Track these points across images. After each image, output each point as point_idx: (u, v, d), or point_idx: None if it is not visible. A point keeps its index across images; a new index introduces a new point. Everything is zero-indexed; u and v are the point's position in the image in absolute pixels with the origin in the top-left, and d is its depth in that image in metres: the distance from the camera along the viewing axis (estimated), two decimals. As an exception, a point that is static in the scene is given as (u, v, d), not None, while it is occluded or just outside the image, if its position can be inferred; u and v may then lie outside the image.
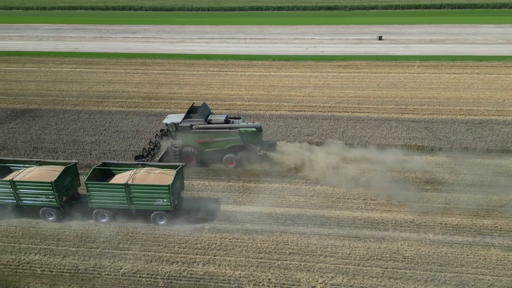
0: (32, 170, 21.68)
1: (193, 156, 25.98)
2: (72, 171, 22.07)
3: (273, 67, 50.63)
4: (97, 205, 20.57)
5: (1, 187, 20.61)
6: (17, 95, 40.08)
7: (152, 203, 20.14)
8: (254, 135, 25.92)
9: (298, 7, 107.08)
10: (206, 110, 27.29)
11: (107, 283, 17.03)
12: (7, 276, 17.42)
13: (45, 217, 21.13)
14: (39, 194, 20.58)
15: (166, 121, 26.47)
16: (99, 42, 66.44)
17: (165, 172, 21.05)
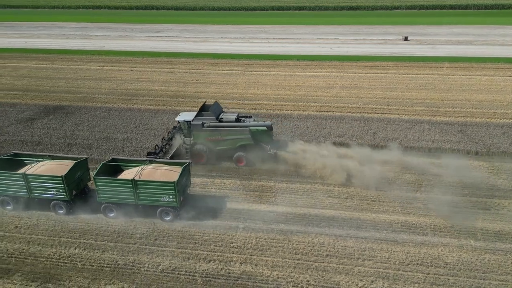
0: (44, 164, 22.15)
1: (204, 154, 26.24)
2: (82, 166, 22.49)
3: (297, 67, 50.36)
4: (105, 200, 20.96)
5: (14, 180, 21.21)
6: (49, 92, 41.06)
7: (158, 199, 20.41)
8: (264, 134, 25.99)
9: (320, 7, 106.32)
10: (218, 108, 27.62)
11: (146, 279, 17.20)
12: (49, 269, 17.80)
13: (56, 210, 21.67)
14: (50, 188, 21.10)
15: (178, 118, 26.84)
16: (124, 41, 67.47)
17: (172, 169, 21.35)
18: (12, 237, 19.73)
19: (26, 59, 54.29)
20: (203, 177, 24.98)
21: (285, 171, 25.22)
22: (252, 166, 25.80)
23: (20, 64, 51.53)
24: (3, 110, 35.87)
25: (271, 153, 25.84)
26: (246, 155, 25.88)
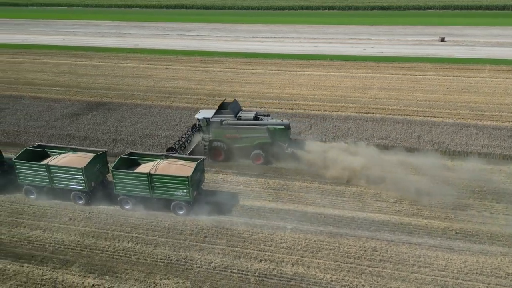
0: (66, 156, 22.83)
1: (222, 151, 26.42)
2: (101, 158, 23.05)
3: (332, 67, 49.80)
4: (122, 192, 21.44)
5: (38, 170, 21.97)
6: (89, 88, 42.18)
7: (172, 193, 20.78)
8: (282, 133, 25.93)
9: (349, 7, 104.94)
10: (237, 106, 27.82)
11: (199, 275, 17.33)
12: (105, 261, 18.21)
13: (75, 200, 22.31)
14: (70, 179, 21.80)
15: (198, 116, 27.13)
16: (157, 39, 68.62)
17: (186, 164, 21.68)
18: (67, 229, 20.32)
19: (65, 56, 56.07)
20: (239, 175, 25.02)
21: (320, 173, 24.86)
22: (283, 166, 25.58)
23: (60, 61, 53.25)
24: (49, 105, 37.13)
25: (288, 151, 25.79)
26: (264, 154, 25.96)
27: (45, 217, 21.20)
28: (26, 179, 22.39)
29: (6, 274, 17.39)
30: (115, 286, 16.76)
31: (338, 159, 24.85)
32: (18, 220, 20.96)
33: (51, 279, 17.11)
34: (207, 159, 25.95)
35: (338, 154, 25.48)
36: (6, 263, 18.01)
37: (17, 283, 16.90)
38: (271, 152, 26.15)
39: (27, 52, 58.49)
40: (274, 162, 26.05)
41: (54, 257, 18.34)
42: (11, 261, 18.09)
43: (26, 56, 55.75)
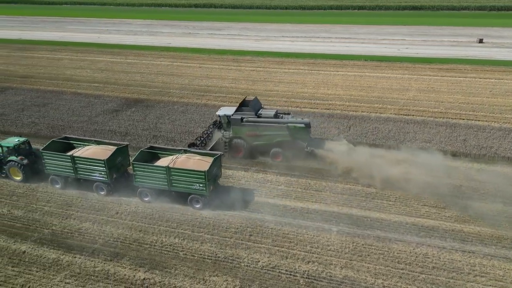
0: (90, 148, 23.56)
1: (242, 148, 26.59)
2: (123, 151, 23.66)
3: (366, 67, 48.88)
4: (141, 184, 22.00)
5: (63, 161, 22.85)
6: (126, 85, 43.02)
7: (189, 186, 21.18)
8: (302, 131, 25.86)
9: (380, 7, 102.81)
10: (257, 104, 27.94)
11: (247, 274, 17.30)
12: (154, 255, 18.46)
13: (98, 191, 23.04)
14: (93, 170, 22.49)
15: (219, 113, 27.34)
16: (188, 38, 69.30)
17: (204, 159, 22.08)
18: (114, 222, 20.75)
19: (101, 53, 57.44)
20: (280, 175, 24.85)
21: (372, 176, 24.31)
22: (326, 167, 25.18)
23: (96, 58, 54.61)
24: (89, 101, 38.12)
25: (308, 150, 25.76)
26: (283, 151, 25.96)
27: (93, 210, 21.73)
28: (52, 169, 23.34)
29: (59, 264, 17.91)
30: (165, 280, 16.98)
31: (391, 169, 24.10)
32: (68, 212, 21.58)
33: (103, 271, 17.49)
34: (227, 156, 26.57)
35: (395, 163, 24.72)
36: (59, 253, 18.56)
37: (71, 273, 17.36)
38: (290, 150, 26.17)
39: (64, 49, 60.30)
40: (311, 163, 25.66)
41: (105, 250, 18.76)
42: (63, 252, 18.64)
43: (64, 53, 57.48)
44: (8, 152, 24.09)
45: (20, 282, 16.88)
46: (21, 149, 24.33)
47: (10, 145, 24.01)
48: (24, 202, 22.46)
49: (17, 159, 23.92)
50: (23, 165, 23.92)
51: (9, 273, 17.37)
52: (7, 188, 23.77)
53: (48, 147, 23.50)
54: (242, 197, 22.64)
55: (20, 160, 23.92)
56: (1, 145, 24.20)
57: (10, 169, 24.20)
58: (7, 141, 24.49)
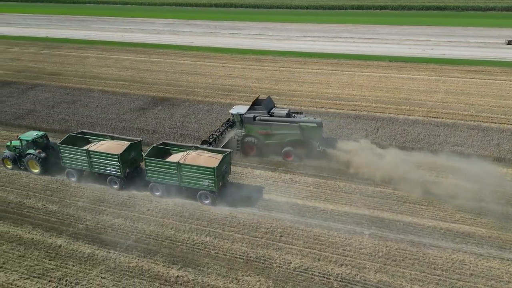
0: (105, 143, 24.13)
1: (254, 146, 26.79)
2: (136, 147, 24.12)
3: (391, 68, 48.11)
4: (153, 179, 22.47)
5: (79, 155, 23.50)
6: (151, 84, 43.54)
7: (199, 182, 21.55)
8: (314, 131, 25.88)
9: (403, 7, 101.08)
10: (270, 103, 28.09)
11: (280, 275, 17.22)
12: (186, 253, 18.60)
13: (111, 185, 23.62)
14: (107, 164, 23.03)
15: (232, 111, 27.65)
16: (210, 37, 69.67)
17: (214, 156, 22.39)
18: (146, 219, 20.99)
19: (126, 52, 58.32)
20: (308, 176, 24.66)
21: (405, 179, 23.85)
22: (356, 170, 24.80)
23: (121, 56, 55.45)
24: (116, 98, 38.74)
25: (319, 150, 25.74)
26: (295, 151, 26.02)
27: (124, 206, 22.05)
28: (69, 163, 24.05)
29: (95, 259, 18.23)
30: (199, 278, 17.07)
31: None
32: (101, 207, 21.97)
33: (138, 267, 17.71)
34: (239, 154, 26.91)
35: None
36: (94, 248, 18.91)
37: (106, 268, 17.66)
38: (302, 149, 26.23)
39: (90, 47, 61.47)
40: (341, 165, 25.40)
41: (138, 246, 19.01)
42: (98, 247, 18.97)
43: (90, 51, 58.62)
44: (27, 146, 25.01)
45: (57, 275, 17.27)
46: (39, 142, 25.23)
47: (29, 139, 24.92)
48: (58, 197, 22.99)
49: (35, 153, 24.79)
50: (41, 158, 24.78)
51: (47, 266, 17.79)
52: (41, 183, 24.38)
53: (65, 141, 24.30)
54: (270, 197, 22.63)
55: (38, 154, 24.80)
56: (21, 139, 25.18)
57: (29, 161, 25.09)
58: (26, 135, 25.46)
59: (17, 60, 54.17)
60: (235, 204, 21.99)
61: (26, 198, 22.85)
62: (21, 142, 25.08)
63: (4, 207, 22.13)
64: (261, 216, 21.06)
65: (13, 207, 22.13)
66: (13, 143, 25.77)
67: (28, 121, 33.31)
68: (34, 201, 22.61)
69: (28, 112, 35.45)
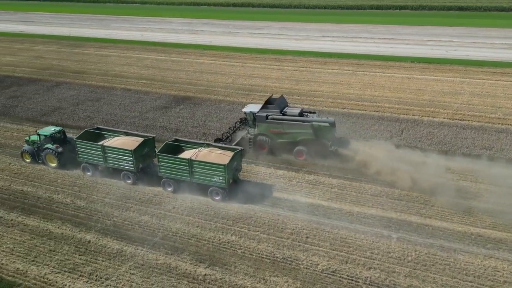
0: (120, 139, 24.70)
1: (266, 145, 27.04)
2: (149, 143, 24.62)
3: (414, 69, 47.31)
4: (165, 175, 22.93)
5: (94, 150, 24.15)
6: (172, 82, 43.91)
7: (210, 179, 21.92)
8: (326, 130, 25.92)
9: (423, 7, 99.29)
10: (283, 102, 28.31)
11: (308, 277, 17.12)
12: (213, 252, 18.67)
13: (125, 180, 24.20)
14: (121, 159, 23.65)
15: (245, 110, 27.83)
16: (229, 37, 69.84)
17: (225, 153, 22.70)
18: (172, 217, 21.16)
19: (146, 50, 58.99)
20: (332, 177, 24.42)
21: (433, 183, 23.39)
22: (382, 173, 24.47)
23: (142, 55, 56.11)
24: (139, 97, 39.22)
25: (332, 149, 25.80)
26: (307, 150, 26.09)
27: (150, 204, 22.29)
28: (84, 157, 24.74)
29: (123, 255, 18.48)
30: (226, 277, 17.11)
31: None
32: (127, 204, 22.25)
33: (165, 264, 17.87)
34: (251, 152, 27.08)
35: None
36: (122, 244, 19.17)
37: (135, 265, 17.87)
38: (314, 149, 26.22)
39: (111, 46, 62.40)
40: (368, 169, 25.05)
41: (165, 243, 19.18)
42: (126, 243, 19.21)
43: (111, 50, 59.51)
44: (45, 140, 25.77)
45: (88, 270, 17.57)
46: (57, 137, 25.98)
47: (47, 134, 25.73)
48: (86, 193, 23.40)
49: (53, 147, 25.51)
50: (58, 153, 25.47)
51: (77, 261, 18.12)
52: (68, 179, 24.86)
53: (81, 137, 24.96)
54: (295, 198, 22.54)
55: (56, 148, 25.51)
56: (39, 134, 25.98)
57: (46, 156, 25.88)
58: (44, 130, 26.27)
59: (41, 58, 55.45)
60: (259, 204, 21.98)
61: (55, 194, 23.36)
62: (39, 136, 25.93)
63: (34, 202, 22.68)
64: (286, 217, 20.99)
65: (42, 202, 22.66)
66: (31, 138, 26.68)
67: (54, 118, 34.06)
68: (63, 196, 23.09)
69: (54, 109, 36.23)
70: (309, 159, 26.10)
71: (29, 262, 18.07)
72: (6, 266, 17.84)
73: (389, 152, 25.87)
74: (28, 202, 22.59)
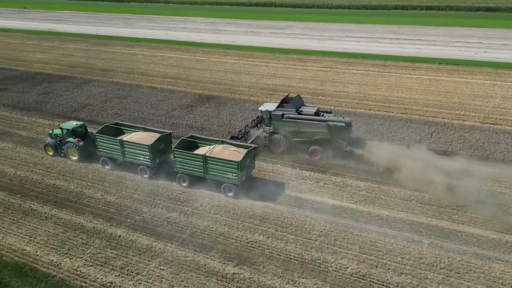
0: (138, 134, 25.25)
1: (281, 143, 27.19)
2: (166, 139, 25.05)
3: (442, 71, 46.20)
4: (180, 170, 23.42)
5: (113, 144, 24.79)
6: (197, 82, 44.29)
7: (223, 175, 22.24)
8: (342, 130, 25.91)
9: (450, 7, 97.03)
10: (299, 101, 28.38)
11: (337, 280, 16.93)
12: (241, 251, 18.69)
13: (141, 174, 24.75)
14: (138, 154, 24.15)
15: (261, 108, 27.92)
16: (252, 37, 70.01)
17: (238, 151, 22.92)
18: (199, 215, 21.32)
19: (170, 49, 59.80)
20: (359, 180, 24.03)
21: (465, 187, 22.79)
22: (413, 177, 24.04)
23: (167, 54, 56.92)
24: (165, 95, 39.77)
25: (347, 150, 25.77)
26: (322, 149, 26.16)
27: (178, 201, 22.52)
28: (103, 151, 25.42)
29: (153, 251, 18.72)
30: (255, 277, 17.10)
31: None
32: (155, 201, 22.56)
33: (194, 262, 18.01)
34: (267, 150, 27.50)
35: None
36: (151, 240, 19.43)
37: (165, 261, 18.09)
38: (329, 148, 26.16)
39: (136, 45, 63.57)
40: (397, 173, 24.57)
41: (193, 241, 19.33)
42: (155, 239, 19.46)
43: (137, 49, 60.60)
44: (67, 134, 26.65)
45: (119, 264, 17.90)
46: (78, 132, 26.76)
47: (69, 128, 26.56)
48: (115, 188, 23.86)
49: (74, 141, 26.38)
50: (79, 146, 26.24)
51: (109, 255, 18.49)
52: (98, 174, 25.41)
53: (101, 131, 25.65)
54: (322, 200, 22.34)
55: (77, 142, 26.32)
56: (62, 128, 26.85)
57: (68, 149, 26.74)
58: (66, 124, 27.14)
59: (70, 56, 57.01)
60: (286, 205, 21.90)
61: (86, 188, 23.92)
62: (61, 130, 26.88)
63: (66, 196, 23.28)
64: (313, 218, 20.82)
65: (74, 196, 23.23)
66: (54, 132, 27.68)
67: (83, 114, 34.94)
68: (93, 191, 23.62)
69: (84, 105, 37.16)
70: (331, 160, 26.02)
71: (63, 254, 18.57)
72: (41, 258, 18.39)
73: (418, 155, 25.36)
74: (60, 196, 23.22)
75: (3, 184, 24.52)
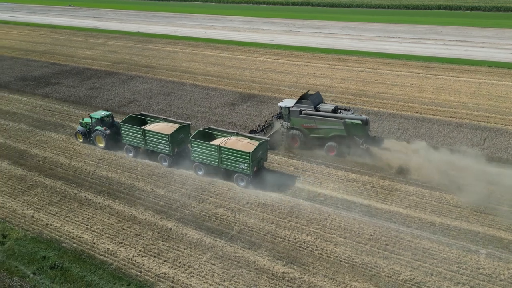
0: (159, 124, 26.76)
1: (298, 139, 27.74)
2: (185, 129, 26.12)
3: (492, 74, 44.10)
4: (196, 159, 24.66)
5: (136, 133, 26.31)
6: (237, 80, 44.73)
7: (236, 165, 23.22)
8: (359, 128, 26.07)
9: (498, 8, 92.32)
10: (318, 98, 28.74)
11: (389, 285, 16.56)
12: (289, 250, 18.72)
13: (161, 162, 26.18)
14: (159, 143, 25.52)
15: (280, 104, 28.59)
16: (290, 36, 69.76)
17: (251, 143, 23.93)
18: (246, 212, 21.52)
19: (210, 48, 60.69)
20: (409, 184, 23.33)
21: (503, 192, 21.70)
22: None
23: (207, 52, 57.81)
24: (207, 93, 40.44)
25: (363, 147, 26.02)
26: (338, 146, 26.65)
27: (225, 197, 22.84)
28: (127, 140, 27.12)
29: (203, 245, 19.09)
30: (305, 277, 17.06)
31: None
32: (203, 196, 23.00)
33: (244, 258, 18.20)
34: (284, 145, 28.16)
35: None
36: (201, 234, 19.83)
37: (215, 255, 18.40)
38: (345, 145, 26.60)
39: (177, 42, 65.02)
40: (444, 177, 23.74)
41: (242, 237, 19.54)
42: (205, 234, 19.84)
43: (177, 46, 61.99)
44: (95, 123, 28.30)
45: (171, 256, 18.40)
46: (106, 121, 28.30)
47: (98, 117, 28.24)
48: (164, 182, 24.54)
49: (102, 129, 28.17)
50: (106, 135, 27.93)
51: (161, 247, 19.05)
52: (147, 168, 26.21)
53: (126, 121, 27.04)
54: (370, 203, 21.92)
55: (104, 130, 27.93)
56: (91, 117, 28.47)
57: (96, 136, 28.54)
58: (95, 114, 28.81)
59: (115, 52, 59.16)
60: (333, 207, 21.68)
61: (136, 181, 24.74)
62: (91, 119, 28.55)
63: (117, 187, 24.19)
64: (362, 222, 20.48)
65: (125, 188, 24.10)
66: (84, 120, 29.44)
67: (130, 110, 36.08)
68: (143, 184, 24.41)
69: (130, 101, 38.45)
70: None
71: (118, 243, 19.33)
72: (97, 246, 19.22)
73: (471, 163, 24.34)
74: (112, 187, 24.16)
75: (60, 173, 25.86)
